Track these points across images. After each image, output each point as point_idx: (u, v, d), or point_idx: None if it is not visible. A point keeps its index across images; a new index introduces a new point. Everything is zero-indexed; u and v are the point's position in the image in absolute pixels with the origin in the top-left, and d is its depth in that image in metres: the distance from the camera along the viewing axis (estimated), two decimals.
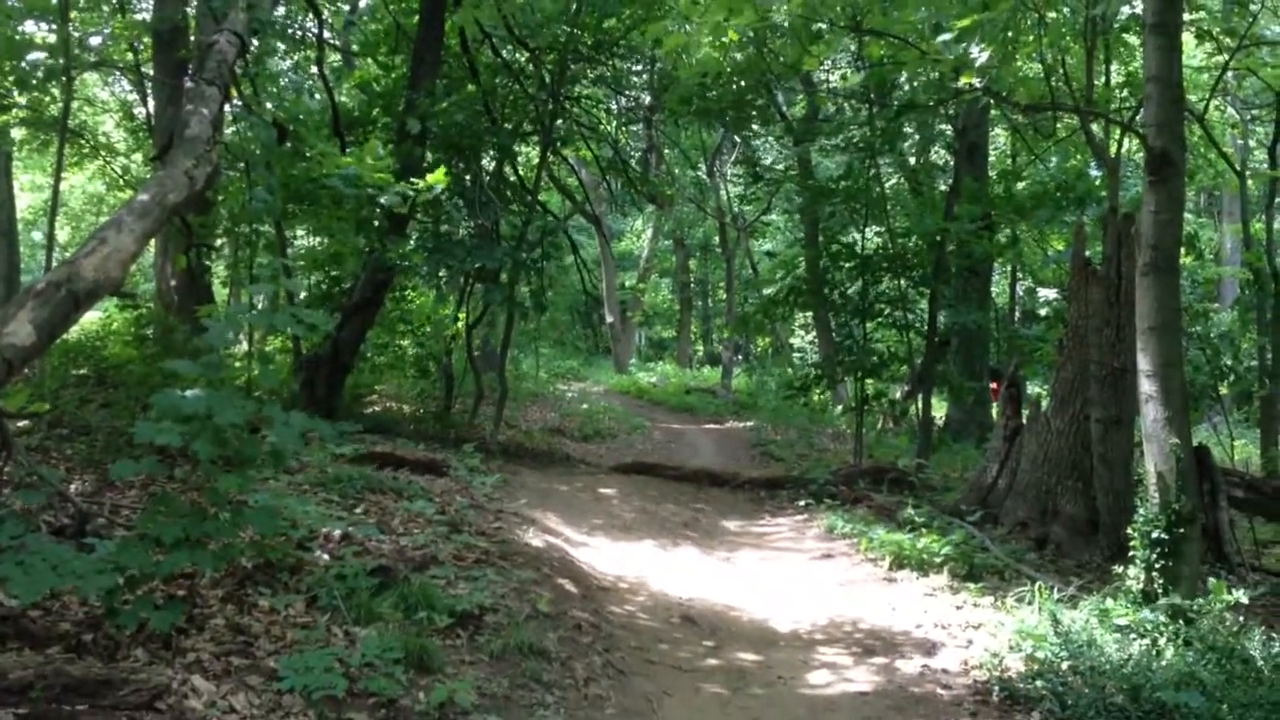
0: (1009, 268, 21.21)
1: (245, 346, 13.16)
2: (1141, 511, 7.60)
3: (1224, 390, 15.51)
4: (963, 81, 8.55)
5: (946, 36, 8.27)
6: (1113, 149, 14.00)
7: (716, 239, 32.87)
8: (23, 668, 4.23)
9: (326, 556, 6.45)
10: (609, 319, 33.82)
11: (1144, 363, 7.71)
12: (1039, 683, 6.08)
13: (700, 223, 35.23)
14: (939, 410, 19.83)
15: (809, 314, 23.85)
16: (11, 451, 5.69)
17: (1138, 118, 11.27)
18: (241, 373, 10.44)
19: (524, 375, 23.07)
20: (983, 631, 7.23)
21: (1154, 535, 7.42)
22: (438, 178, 8.03)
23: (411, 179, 8.51)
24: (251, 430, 5.34)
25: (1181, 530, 7.38)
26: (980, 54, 8.19)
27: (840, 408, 21.25)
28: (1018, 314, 23.14)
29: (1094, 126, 12.52)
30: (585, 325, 37.88)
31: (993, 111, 17.92)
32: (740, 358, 36.84)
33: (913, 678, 6.50)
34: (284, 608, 5.57)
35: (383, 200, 8.18)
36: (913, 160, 19.58)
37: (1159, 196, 7.71)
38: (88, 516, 5.96)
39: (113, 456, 6.95)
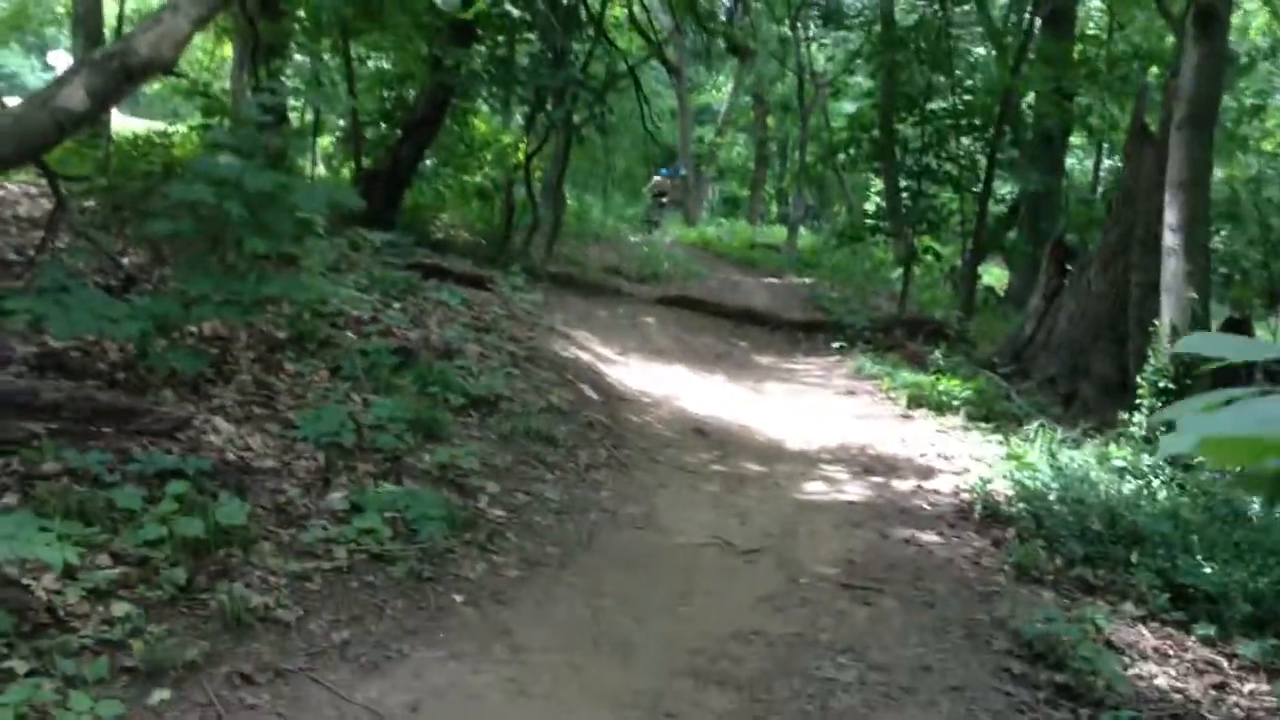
0: (1094, 139, 20.63)
1: (319, 169, 13.55)
2: (1152, 361, 7.70)
3: None
4: None
5: None
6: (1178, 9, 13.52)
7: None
8: (55, 391, 4.65)
9: (353, 335, 6.83)
10: (682, 171, 33.53)
11: (1170, 217, 7.72)
12: (1022, 505, 6.32)
13: (781, 78, 34.51)
14: (1002, 279, 19.72)
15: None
16: (65, 209, 6.08)
17: None
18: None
19: (587, 215, 23.05)
20: (982, 463, 7.46)
21: (1161, 384, 7.53)
22: None
23: None
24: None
25: (1189, 381, 7.47)
26: None
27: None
28: (1100, 186, 22.54)
29: None
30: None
31: None
32: (815, 222, 36.45)
33: (903, 494, 6.78)
34: (309, 373, 5.97)
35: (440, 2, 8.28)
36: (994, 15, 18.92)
37: (1201, 50, 7.60)
38: (134, 279, 6.36)
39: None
